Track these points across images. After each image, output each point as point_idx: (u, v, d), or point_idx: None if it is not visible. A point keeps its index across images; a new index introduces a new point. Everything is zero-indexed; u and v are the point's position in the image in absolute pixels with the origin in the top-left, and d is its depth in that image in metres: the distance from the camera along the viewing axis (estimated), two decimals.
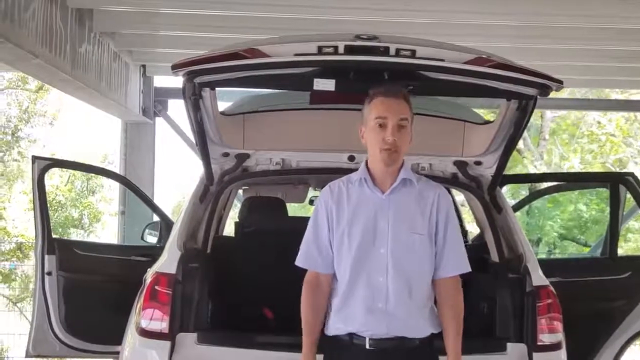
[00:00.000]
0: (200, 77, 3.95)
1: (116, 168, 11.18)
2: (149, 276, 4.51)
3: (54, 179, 13.92)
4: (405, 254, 3.55)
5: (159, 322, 4.29)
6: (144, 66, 10.15)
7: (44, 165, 6.21)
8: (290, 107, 4.94)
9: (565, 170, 18.09)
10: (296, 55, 3.85)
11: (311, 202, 7.60)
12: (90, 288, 6.14)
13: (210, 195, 4.77)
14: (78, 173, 14.96)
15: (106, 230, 15.63)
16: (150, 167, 10.81)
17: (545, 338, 4.30)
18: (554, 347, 4.32)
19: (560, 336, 4.35)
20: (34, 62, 6.08)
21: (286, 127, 4.93)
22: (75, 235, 14.70)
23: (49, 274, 6.05)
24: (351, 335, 3.56)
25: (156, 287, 4.31)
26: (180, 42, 8.89)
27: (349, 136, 4.87)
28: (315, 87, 3.94)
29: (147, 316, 4.28)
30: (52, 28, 6.38)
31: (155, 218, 6.97)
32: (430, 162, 4.87)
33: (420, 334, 3.57)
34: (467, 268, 3.67)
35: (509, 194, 16.12)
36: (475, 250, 5.07)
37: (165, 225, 6.51)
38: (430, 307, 3.62)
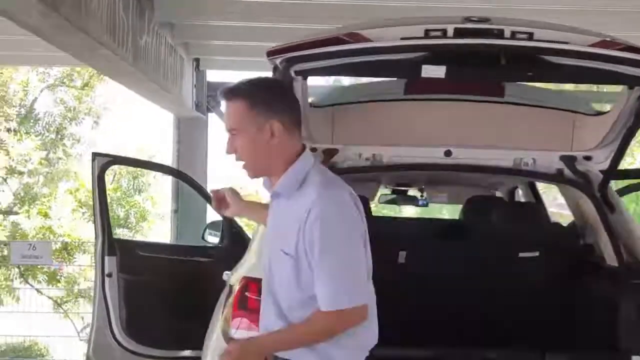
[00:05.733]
0: (298, 64, 3.65)
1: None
2: (233, 281, 4.20)
3: None
4: (275, 274, 3.04)
5: (245, 331, 3.99)
6: (197, 60, 9.94)
7: (105, 162, 5.96)
8: (383, 98, 4.63)
9: None
10: (402, 39, 3.54)
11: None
12: (151, 290, 5.92)
13: None
14: (124, 172, 14.79)
15: (153, 230, 15.47)
16: (203, 163, 10.59)
17: None
18: None
19: None
20: (102, 52, 5.88)
21: (377, 120, 4.61)
22: (121, 234, 14.51)
23: (109, 275, 5.82)
24: None
25: (246, 294, 4.01)
26: (237, 34, 8.65)
27: (446, 129, 4.60)
28: (423, 75, 3.59)
29: (236, 325, 3.98)
30: (115, 18, 6.15)
31: (209, 217, 6.73)
32: (534, 157, 4.53)
33: None
34: (330, 305, 2.87)
35: None
36: (579, 252, 4.74)
37: (227, 224, 6.25)
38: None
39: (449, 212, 13.08)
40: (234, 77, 14.76)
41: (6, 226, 13.86)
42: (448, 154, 4.53)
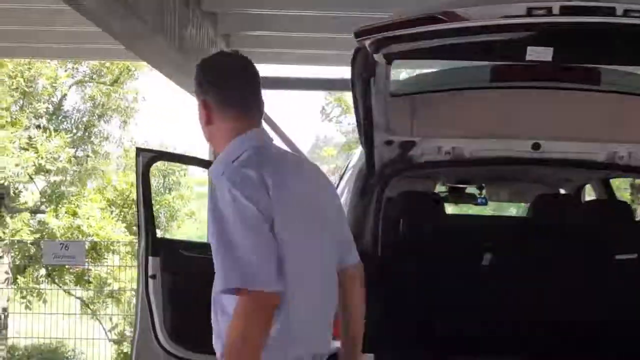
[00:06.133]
0: (389, 46, 3.33)
1: None
2: None
3: (130, 176, 13.42)
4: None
5: None
6: (236, 52, 9.66)
7: (149, 158, 5.69)
8: (467, 85, 4.30)
9: None
10: (503, 17, 3.22)
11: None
12: (196, 292, 5.64)
13: (372, 190, 4.17)
14: (154, 170, 14.49)
15: (182, 229, 15.25)
16: None
17: None
18: None
19: None
20: (151, 41, 5.63)
21: (459, 111, 4.31)
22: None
23: (153, 277, 5.57)
24: None
25: None
26: (278, 24, 8.40)
27: (534, 120, 4.27)
28: (528, 57, 3.28)
29: None
30: (162, 6, 5.89)
31: None
32: (630, 150, 4.21)
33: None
34: (220, 285, 2.65)
35: None
36: None
37: None
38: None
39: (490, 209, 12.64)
40: (274, 70, 14.46)
41: (33, 225, 13.59)
42: (536, 147, 4.22)
